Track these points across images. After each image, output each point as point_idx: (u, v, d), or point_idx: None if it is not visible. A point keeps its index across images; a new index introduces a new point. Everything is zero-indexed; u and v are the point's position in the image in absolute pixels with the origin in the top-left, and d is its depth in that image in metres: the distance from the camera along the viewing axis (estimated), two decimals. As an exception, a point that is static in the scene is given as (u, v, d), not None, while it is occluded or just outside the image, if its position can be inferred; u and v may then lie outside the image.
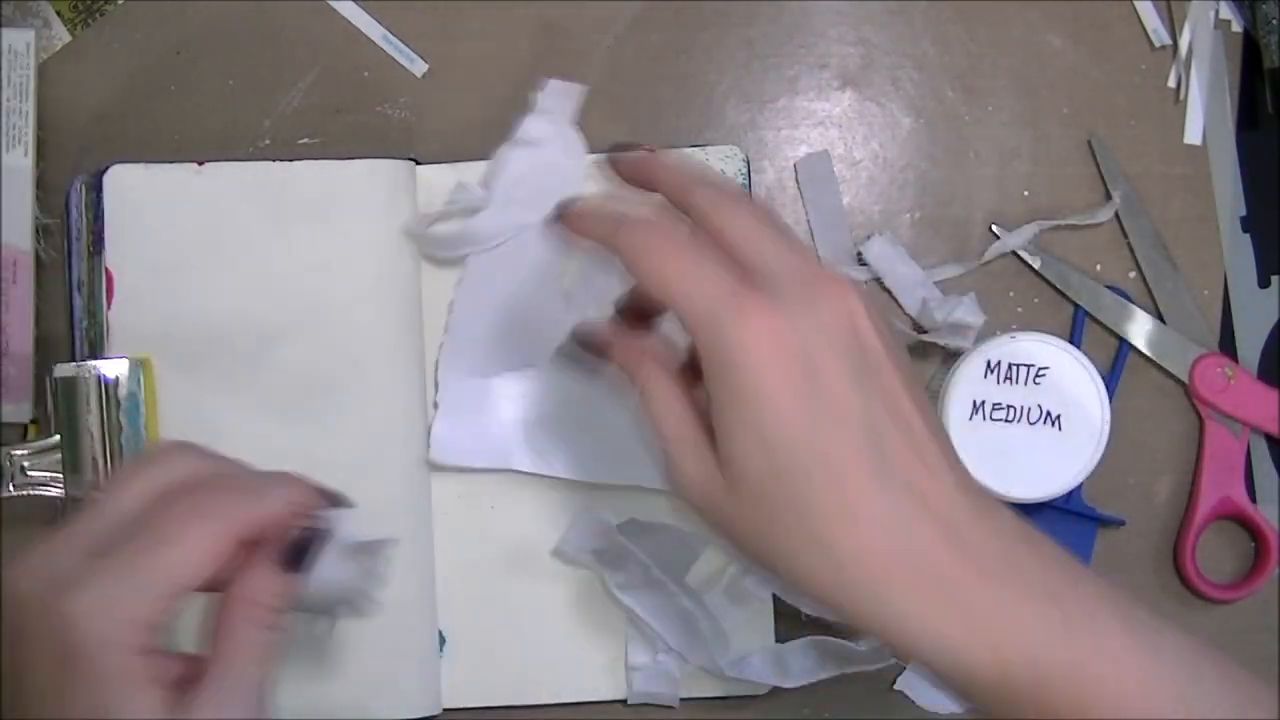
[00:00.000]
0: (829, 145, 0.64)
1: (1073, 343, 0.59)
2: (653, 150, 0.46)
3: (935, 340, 0.61)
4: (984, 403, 0.57)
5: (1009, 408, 0.57)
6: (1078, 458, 0.56)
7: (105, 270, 0.58)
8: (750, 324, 0.38)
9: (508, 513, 0.61)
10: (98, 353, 0.58)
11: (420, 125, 0.63)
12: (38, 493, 0.57)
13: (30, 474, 0.57)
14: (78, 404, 0.57)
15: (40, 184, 0.60)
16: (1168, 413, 0.63)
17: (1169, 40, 0.63)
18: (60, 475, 0.56)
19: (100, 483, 0.44)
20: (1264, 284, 0.63)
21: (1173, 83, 0.64)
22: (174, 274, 0.59)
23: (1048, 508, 0.60)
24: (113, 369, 0.57)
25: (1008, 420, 0.57)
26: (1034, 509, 0.60)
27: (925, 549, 0.38)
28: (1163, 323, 0.62)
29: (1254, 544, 0.63)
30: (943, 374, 0.60)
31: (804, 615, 0.61)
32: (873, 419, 0.39)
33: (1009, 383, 0.57)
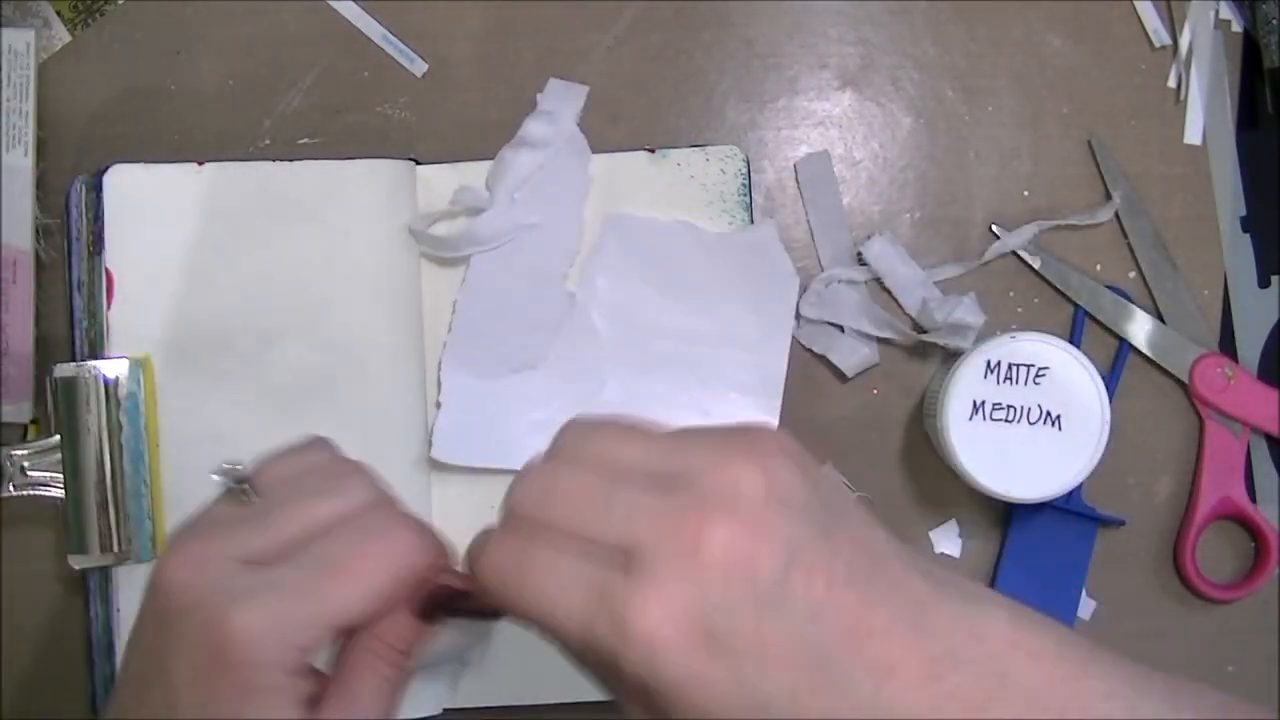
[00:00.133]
0: (829, 145, 0.64)
1: (1073, 343, 0.59)
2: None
3: (935, 340, 0.61)
4: (984, 403, 0.57)
5: (1009, 408, 0.57)
6: (1078, 458, 0.56)
7: (105, 270, 0.58)
8: (637, 622, 0.33)
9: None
10: (98, 353, 0.58)
11: (420, 125, 0.63)
12: (38, 493, 0.57)
13: (30, 474, 0.57)
14: (78, 404, 0.57)
15: (40, 184, 0.60)
16: (1168, 413, 0.63)
17: (1169, 40, 0.63)
18: (60, 475, 0.56)
19: (245, 473, 0.42)
20: (1264, 284, 0.63)
21: (1173, 83, 0.64)
22: (174, 274, 0.58)
23: (1048, 508, 0.60)
24: (113, 369, 0.57)
25: (1008, 420, 0.57)
26: (1034, 509, 0.60)
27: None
28: (1163, 323, 0.62)
29: (1254, 544, 0.63)
30: (943, 374, 0.60)
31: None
32: (806, 642, 0.34)
33: (1009, 383, 0.57)
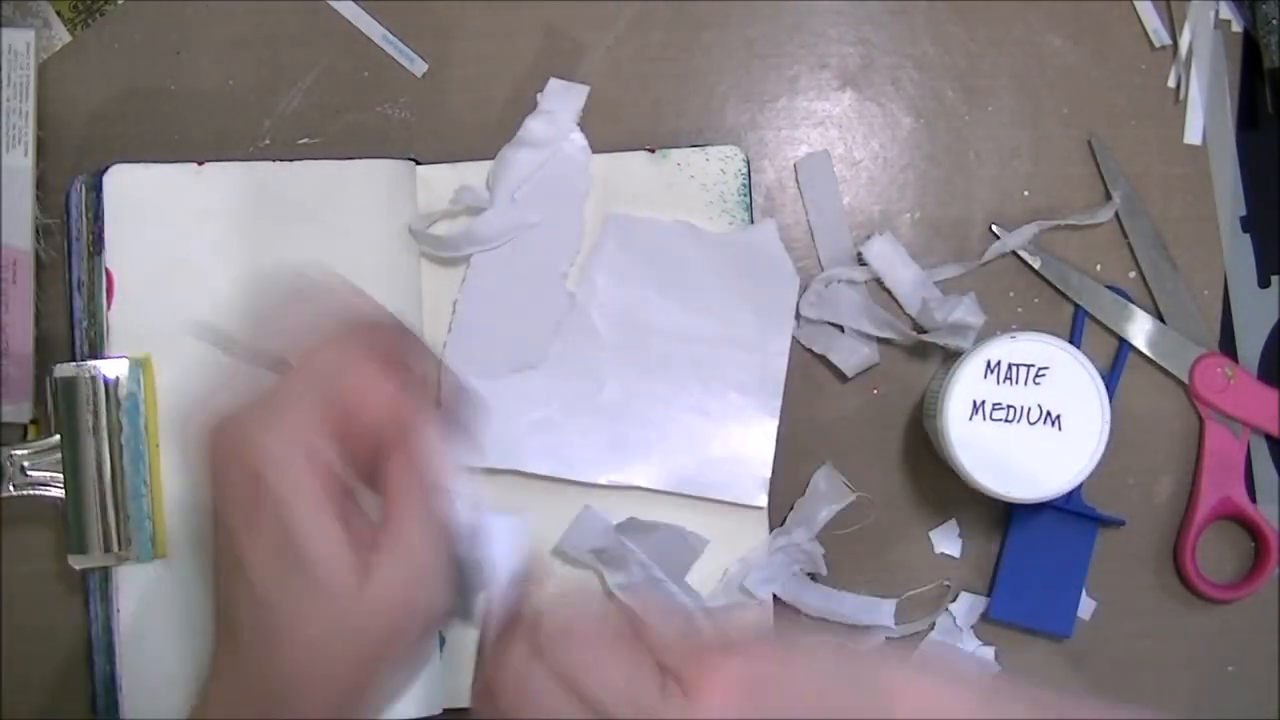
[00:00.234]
0: (829, 145, 0.64)
1: (1073, 343, 0.59)
2: None
3: (935, 340, 0.61)
4: (984, 403, 0.57)
5: (1009, 408, 0.57)
6: (1078, 458, 0.56)
7: (105, 270, 0.58)
8: None
9: (507, 512, 0.61)
10: (98, 353, 0.58)
11: (420, 125, 0.63)
12: (38, 493, 0.57)
13: (30, 474, 0.57)
14: (78, 404, 0.56)
15: (40, 184, 0.60)
16: (1168, 413, 0.63)
17: (1169, 40, 0.63)
18: (60, 475, 0.56)
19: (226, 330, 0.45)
20: (1264, 284, 0.63)
21: (1173, 83, 0.64)
22: (174, 274, 0.58)
23: (1048, 508, 0.60)
24: (113, 369, 0.57)
25: (1008, 420, 0.57)
26: (1034, 509, 0.60)
27: None
28: (1163, 323, 0.62)
29: (1254, 544, 0.63)
30: (943, 374, 0.60)
31: (804, 615, 0.61)
32: None
33: (1009, 383, 0.57)
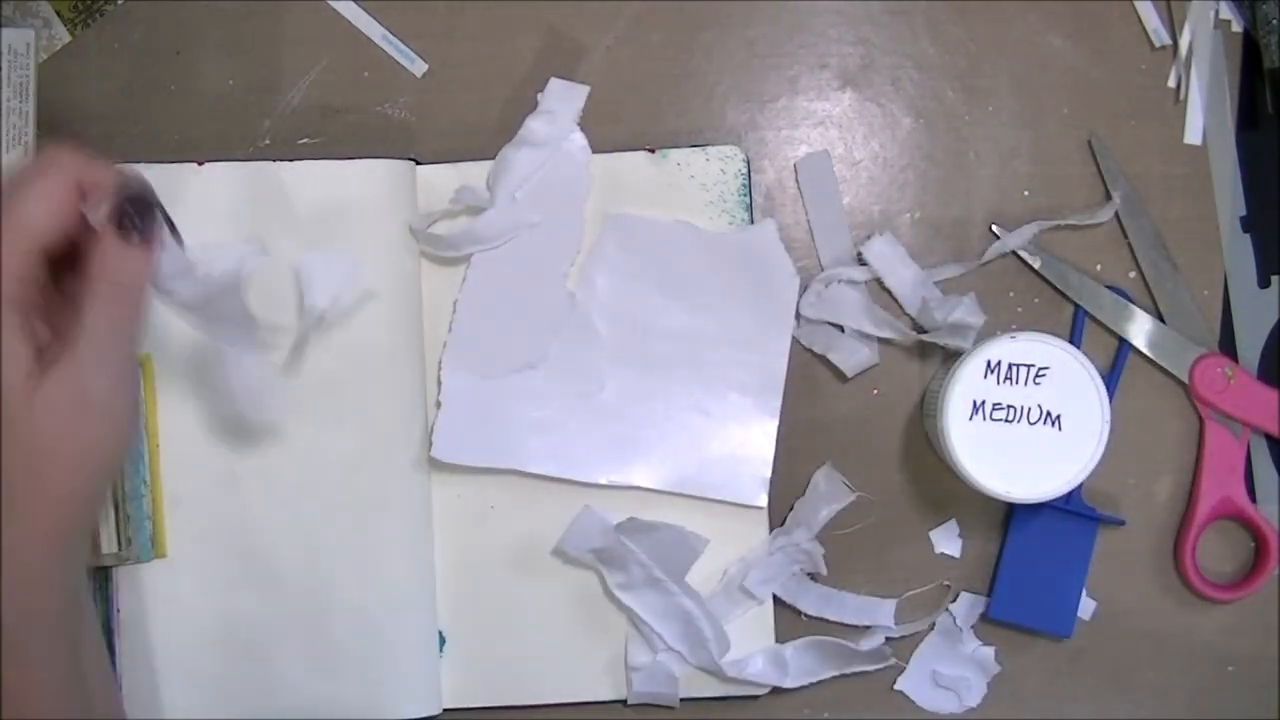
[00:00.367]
0: (829, 145, 0.64)
1: (1073, 343, 0.59)
2: None
3: (935, 340, 0.61)
4: (984, 403, 0.57)
5: (1009, 408, 0.57)
6: (1078, 458, 0.56)
7: (105, 270, 0.58)
8: None
9: (508, 513, 0.61)
10: (98, 353, 0.58)
11: (420, 125, 0.63)
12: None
13: (30, 474, 0.56)
14: (78, 404, 0.56)
15: (40, 184, 0.60)
16: (1168, 413, 0.63)
17: (1169, 40, 0.63)
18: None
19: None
20: (1264, 284, 0.63)
21: (1173, 83, 0.64)
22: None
23: (1048, 508, 0.60)
24: (113, 369, 0.57)
25: (1008, 420, 0.57)
26: (1034, 509, 0.61)
27: None
28: (1163, 323, 0.62)
29: (1254, 544, 0.63)
30: (943, 374, 0.60)
31: (804, 615, 0.61)
32: None
33: (1009, 383, 0.57)
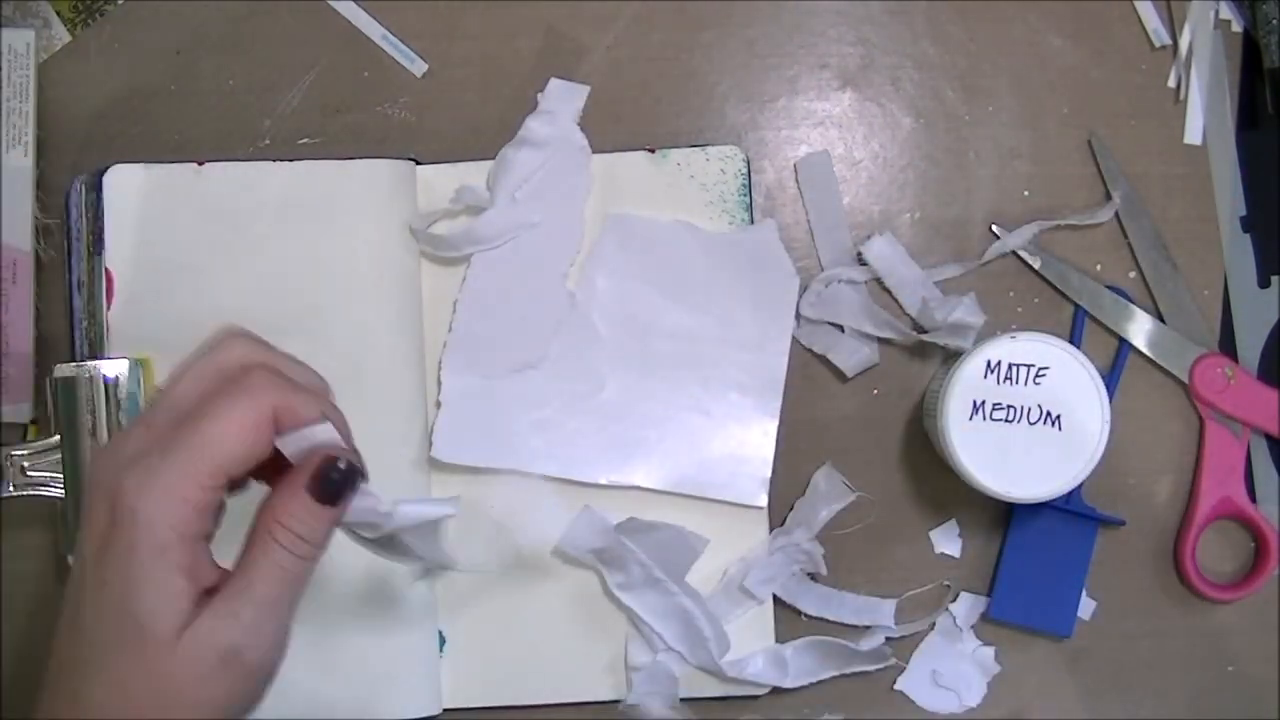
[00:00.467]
0: (829, 145, 0.64)
1: (1073, 343, 0.59)
2: None
3: (935, 340, 0.61)
4: (984, 403, 0.57)
5: (1009, 408, 0.57)
6: (1078, 458, 0.56)
7: (105, 270, 0.58)
8: None
9: (507, 513, 0.61)
10: (98, 353, 0.58)
11: (420, 125, 0.63)
12: (38, 493, 0.57)
13: (30, 474, 0.57)
14: (78, 404, 0.56)
15: (40, 184, 0.60)
16: (1168, 413, 0.63)
17: (1169, 40, 0.63)
18: (60, 475, 0.56)
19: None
20: (1264, 284, 0.63)
21: (1173, 83, 0.64)
22: (174, 274, 0.59)
23: (1048, 508, 0.60)
24: (113, 369, 0.57)
25: (1008, 420, 0.57)
26: (1034, 509, 0.60)
27: None
28: (1163, 323, 0.62)
29: (1254, 544, 0.63)
30: (943, 374, 0.60)
31: (804, 615, 0.61)
32: None
33: (1009, 383, 0.57)
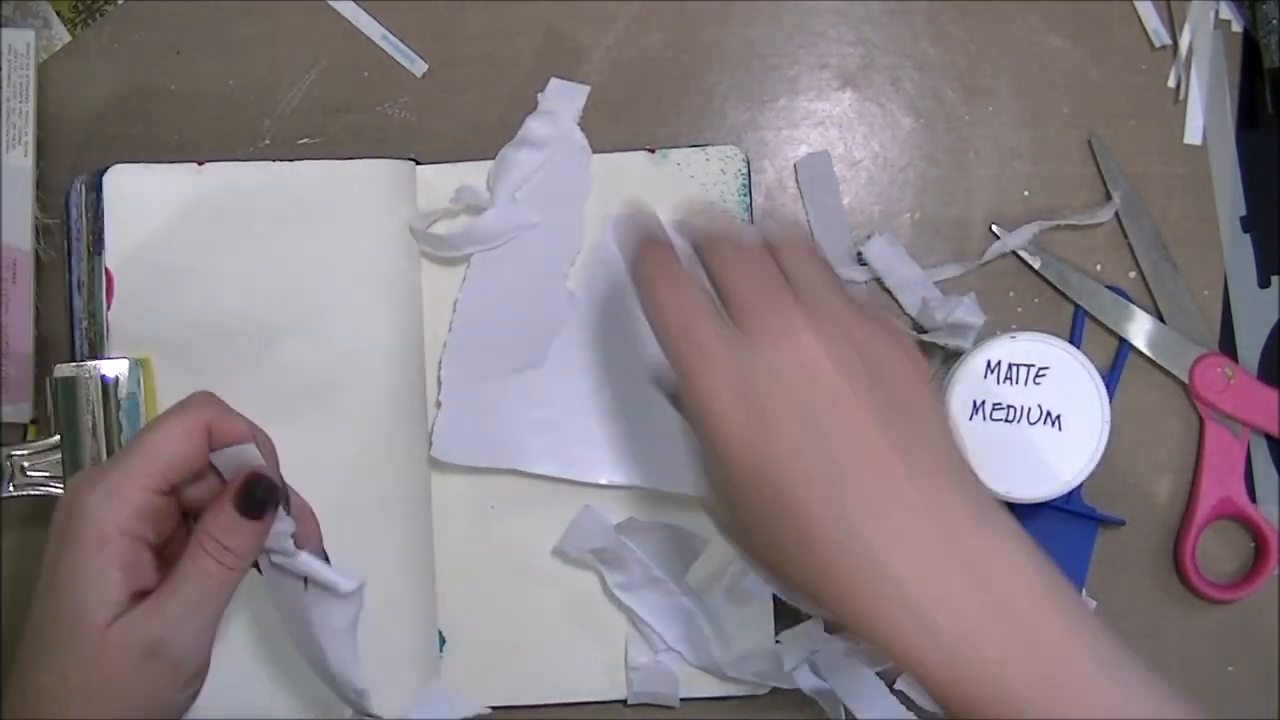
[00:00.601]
0: (829, 145, 0.64)
1: (1073, 343, 0.59)
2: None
3: (935, 340, 0.61)
4: (984, 403, 0.57)
5: (1009, 408, 0.57)
6: (1078, 458, 0.56)
7: (105, 270, 0.58)
8: (710, 375, 0.42)
9: (508, 513, 0.61)
10: (98, 353, 0.58)
11: (420, 125, 0.63)
12: (38, 493, 0.57)
13: (30, 474, 0.57)
14: (78, 404, 0.57)
15: (40, 184, 0.60)
16: (1168, 413, 0.63)
17: (1169, 40, 0.63)
18: (60, 475, 0.56)
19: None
20: (1264, 284, 0.63)
21: (1173, 83, 0.64)
22: (174, 274, 0.59)
23: (1047, 508, 0.60)
24: (113, 369, 0.57)
25: (1008, 420, 0.57)
26: (1034, 509, 0.60)
27: (882, 560, 0.40)
28: (1163, 323, 0.62)
29: (1254, 544, 0.63)
30: (943, 374, 0.60)
31: (804, 615, 0.61)
32: (829, 454, 0.41)
33: (1009, 383, 0.57)
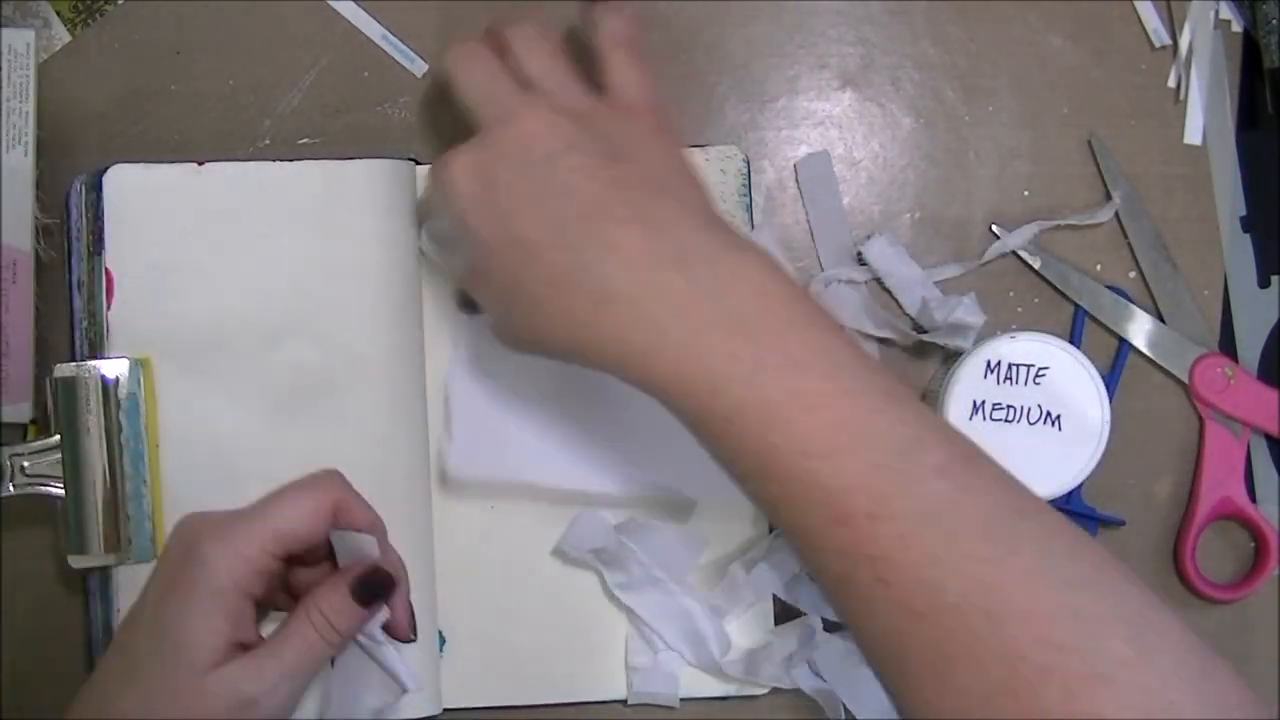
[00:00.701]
0: (829, 145, 0.64)
1: (1073, 343, 0.59)
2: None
3: (935, 340, 0.61)
4: (984, 403, 0.57)
5: (1009, 408, 0.57)
6: (1078, 458, 0.56)
7: (105, 270, 0.58)
8: (451, 165, 0.50)
9: (508, 513, 0.61)
10: (98, 353, 0.58)
11: (420, 125, 0.63)
12: (38, 492, 0.57)
13: (30, 474, 0.57)
14: (78, 404, 0.56)
15: (40, 184, 0.60)
16: (1168, 413, 0.63)
17: (1169, 40, 0.63)
18: (60, 475, 0.56)
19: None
20: (1264, 284, 0.63)
21: (1173, 83, 0.64)
22: (174, 274, 0.58)
23: (1048, 508, 0.60)
24: (113, 369, 0.57)
25: (1008, 420, 0.57)
26: (1034, 509, 0.60)
27: (600, 273, 0.46)
28: (1163, 323, 0.62)
29: (1254, 544, 0.63)
30: (943, 374, 0.60)
31: (804, 615, 0.61)
32: (549, 198, 0.48)
33: (1009, 383, 0.57)
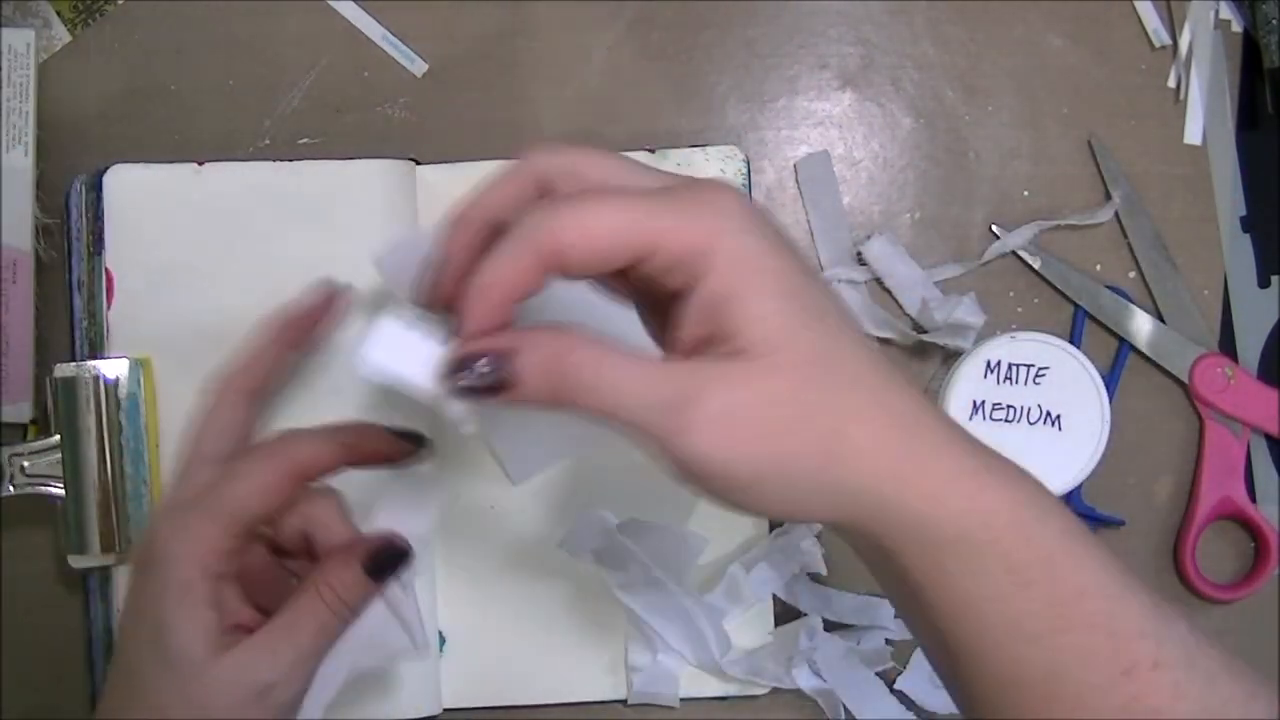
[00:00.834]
0: (829, 145, 0.64)
1: (1073, 343, 0.59)
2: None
3: (935, 340, 0.61)
4: (984, 403, 0.57)
5: (1009, 408, 0.57)
6: (1078, 458, 0.56)
7: (105, 270, 0.58)
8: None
9: (508, 513, 0.61)
10: (98, 353, 0.58)
11: (420, 125, 0.63)
12: (38, 492, 0.57)
13: (30, 474, 0.57)
14: (78, 404, 0.57)
15: (40, 184, 0.60)
16: (1168, 413, 0.63)
17: (1169, 40, 0.63)
18: (60, 475, 0.56)
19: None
20: (1264, 284, 0.63)
21: (1173, 83, 0.64)
22: (174, 274, 0.59)
23: (1048, 508, 0.60)
24: (113, 369, 0.57)
25: (1008, 420, 0.57)
26: (1034, 509, 0.60)
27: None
28: (1163, 323, 0.62)
29: (1254, 544, 0.63)
30: (943, 374, 0.60)
31: (804, 615, 0.61)
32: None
33: (1009, 383, 0.57)
